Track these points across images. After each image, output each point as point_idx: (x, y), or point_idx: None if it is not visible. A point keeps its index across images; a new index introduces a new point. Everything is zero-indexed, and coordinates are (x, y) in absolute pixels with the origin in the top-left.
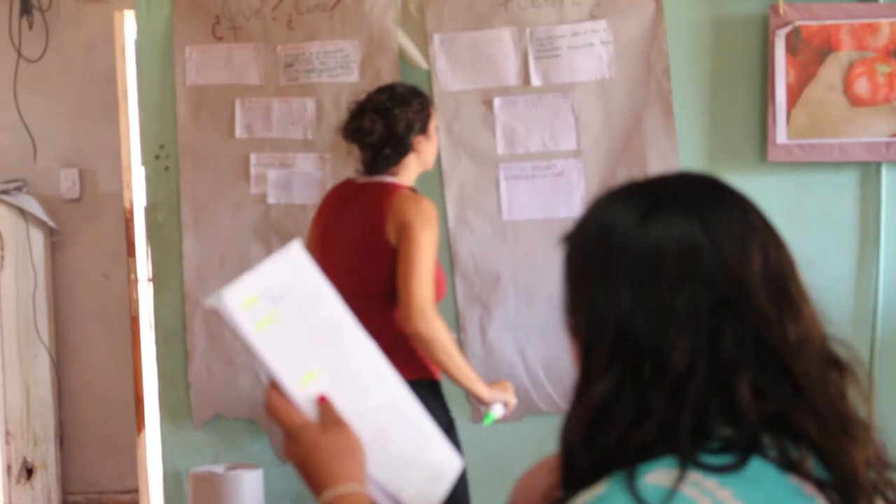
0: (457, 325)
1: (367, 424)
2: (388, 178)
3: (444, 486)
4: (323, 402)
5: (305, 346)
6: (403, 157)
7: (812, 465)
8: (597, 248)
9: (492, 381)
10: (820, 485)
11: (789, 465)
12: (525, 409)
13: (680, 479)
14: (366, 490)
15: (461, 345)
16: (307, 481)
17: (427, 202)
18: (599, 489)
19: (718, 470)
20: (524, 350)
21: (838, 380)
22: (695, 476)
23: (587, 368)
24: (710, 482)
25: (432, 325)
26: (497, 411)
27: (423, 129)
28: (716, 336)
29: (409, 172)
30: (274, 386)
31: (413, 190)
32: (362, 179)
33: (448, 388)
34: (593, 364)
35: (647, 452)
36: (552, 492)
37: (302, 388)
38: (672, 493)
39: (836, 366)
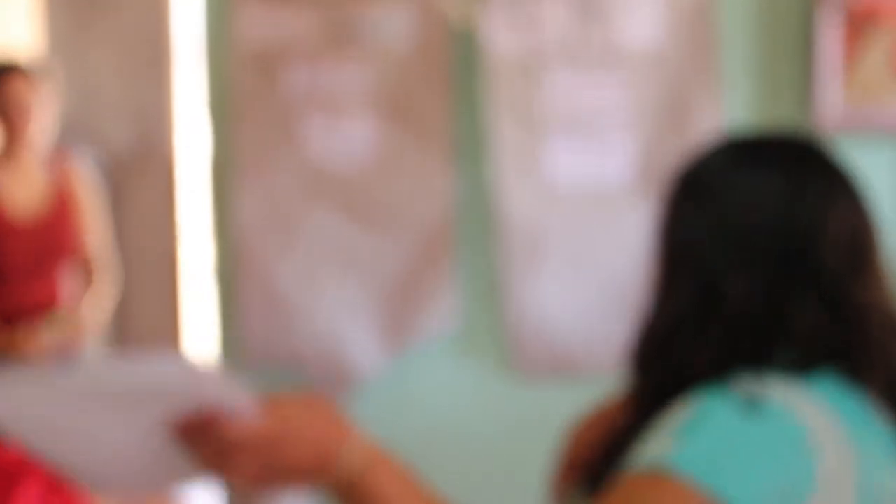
0: (501, 290)
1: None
2: None
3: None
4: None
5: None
6: None
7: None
8: (696, 184)
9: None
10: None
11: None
12: (571, 371)
13: (765, 385)
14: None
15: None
16: (300, 476)
17: None
18: (690, 410)
19: (795, 377)
20: (569, 315)
21: None
22: (775, 382)
23: (667, 287)
24: (789, 388)
25: None
26: None
27: None
28: (784, 283)
29: None
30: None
31: None
32: None
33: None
34: (674, 283)
35: (721, 369)
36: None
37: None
38: (763, 396)
39: None
